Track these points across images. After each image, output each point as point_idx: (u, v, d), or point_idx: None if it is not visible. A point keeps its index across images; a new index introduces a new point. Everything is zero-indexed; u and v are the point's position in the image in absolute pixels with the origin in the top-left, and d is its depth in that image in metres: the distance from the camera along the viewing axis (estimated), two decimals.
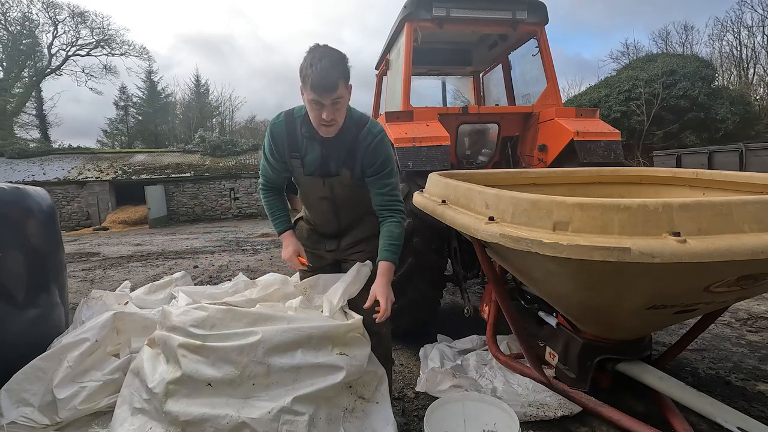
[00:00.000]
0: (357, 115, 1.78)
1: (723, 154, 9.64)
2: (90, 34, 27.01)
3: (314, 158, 1.78)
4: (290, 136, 1.77)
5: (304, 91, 1.60)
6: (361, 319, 1.71)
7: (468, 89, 4.95)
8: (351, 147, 1.75)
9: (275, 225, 1.99)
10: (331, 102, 1.57)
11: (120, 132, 32.47)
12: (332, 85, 1.54)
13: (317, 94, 1.55)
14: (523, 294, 2.66)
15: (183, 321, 1.64)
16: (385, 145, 1.79)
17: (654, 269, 1.25)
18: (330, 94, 1.55)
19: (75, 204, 15.38)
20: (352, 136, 1.75)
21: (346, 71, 1.59)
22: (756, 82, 18.86)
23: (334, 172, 1.79)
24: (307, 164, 1.80)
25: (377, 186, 1.80)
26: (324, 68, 1.52)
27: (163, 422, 1.52)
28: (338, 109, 1.61)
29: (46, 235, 2.34)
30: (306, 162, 1.79)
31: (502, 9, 3.30)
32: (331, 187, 1.83)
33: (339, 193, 1.86)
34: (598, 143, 2.98)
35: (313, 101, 1.58)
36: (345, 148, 1.76)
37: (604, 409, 1.92)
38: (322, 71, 1.52)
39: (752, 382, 2.45)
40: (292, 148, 1.79)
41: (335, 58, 1.56)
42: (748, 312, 3.62)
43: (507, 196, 1.57)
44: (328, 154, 1.77)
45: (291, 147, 1.79)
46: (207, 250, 8.46)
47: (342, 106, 1.63)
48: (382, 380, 1.73)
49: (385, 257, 1.75)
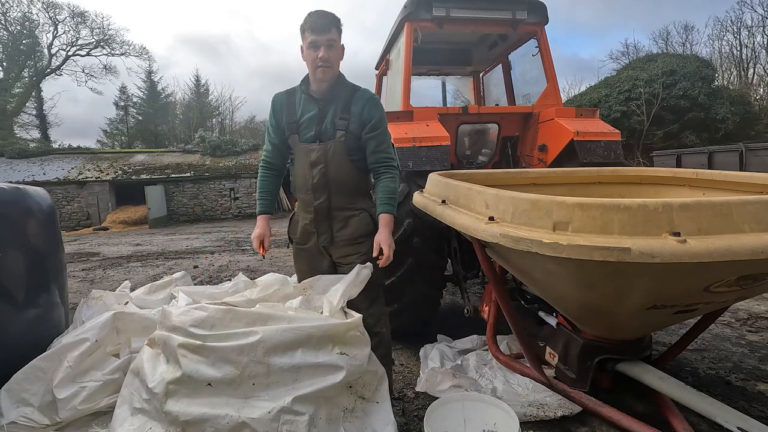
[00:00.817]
0: (350, 83, 1.99)
1: (723, 154, 9.65)
2: (90, 34, 27.06)
3: (311, 116, 1.93)
4: (289, 100, 1.98)
5: (303, 40, 1.86)
6: (360, 317, 1.71)
7: (468, 89, 4.95)
8: (346, 103, 1.92)
9: (258, 204, 2.10)
10: (326, 42, 1.81)
11: (120, 132, 32.48)
12: (326, 26, 1.81)
13: (314, 34, 1.81)
14: (523, 294, 2.66)
15: (183, 321, 1.63)
16: (380, 106, 1.99)
17: (654, 269, 1.25)
18: (325, 34, 1.81)
19: (75, 204, 15.39)
20: (348, 94, 1.94)
21: (338, 23, 1.86)
22: (756, 82, 18.89)
23: (330, 134, 1.92)
24: (304, 127, 1.94)
25: (373, 144, 1.94)
26: (319, 15, 1.82)
27: (163, 422, 1.52)
28: (332, 50, 1.84)
29: (46, 235, 2.34)
30: (303, 124, 1.94)
31: (502, 9, 3.29)
32: (325, 152, 1.93)
33: (332, 161, 1.93)
34: (598, 143, 2.98)
35: (310, 44, 1.82)
36: (341, 103, 1.92)
37: (604, 409, 1.92)
38: (318, 17, 1.82)
39: (752, 382, 2.45)
40: (290, 113, 1.97)
41: (328, 12, 1.85)
42: (748, 312, 3.62)
43: (507, 196, 1.57)
44: (325, 109, 1.93)
45: (289, 113, 1.97)
46: (207, 250, 8.46)
47: (335, 49, 1.86)
48: (382, 380, 1.73)
49: (385, 210, 1.91)
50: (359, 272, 1.88)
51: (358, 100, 1.91)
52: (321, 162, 1.92)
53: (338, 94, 1.92)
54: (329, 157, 1.92)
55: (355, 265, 1.92)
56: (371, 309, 1.97)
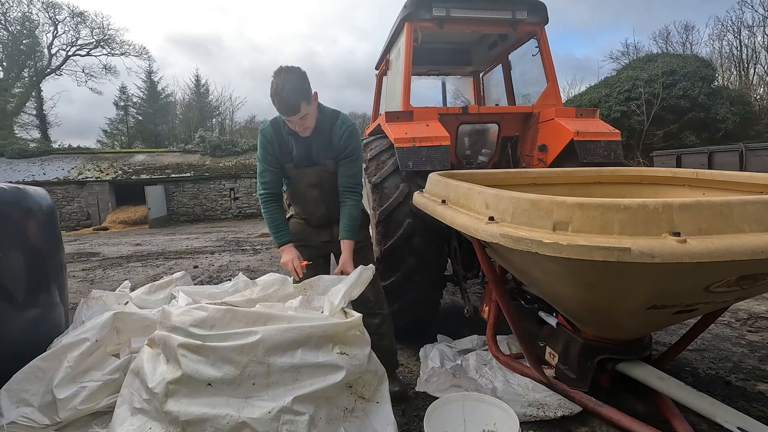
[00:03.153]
0: (329, 111, 2.14)
1: (723, 154, 9.65)
2: (90, 34, 27.03)
3: (300, 152, 2.13)
4: (278, 135, 2.13)
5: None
6: (360, 317, 1.72)
7: (468, 89, 4.95)
8: (328, 136, 2.12)
9: (277, 238, 2.20)
10: (298, 119, 1.95)
11: (120, 132, 32.45)
12: (295, 108, 1.90)
13: (285, 116, 1.95)
14: (523, 294, 2.66)
15: (183, 321, 1.63)
16: (356, 135, 2.16)
17: (654, 269, 1.25)
18: (295, 114, 1.92)
19: (75, 204, 15.38)
20: (329, 125, 2.12)
21: (306, 91, 1.92)
22: (756, 82, 18.87)
23: (322, 161, 2.14)
24: (296, 158, 2.14)
25: (344, 169, 2.16)
26: (285, 97, 1.87)
27: (163, 422, 1.52)
28: (306, 120, 1.99)
29: (46, 235, 2.34)
30: (295, 156, 2.14)
31: (502, 9, 3.29)
32: (319, 174, 2.17)
33: (326, 180, 2.18)
34: (598, 143, 2.98)
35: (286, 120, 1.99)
36: (325, 137, 2.12)
37: (604, 409, 1.92)
38: (284, 100, 1.88)
39: (752, 382, 2.45)
40: (281, 146, 2.13)
41: (294, 84, 1.88)
42: (748, 312, 3.62)
43: (507, 196, 1.57)
44: (311, 144, 2.13)
45: (280, 146, 2.13)
46: (207, 250, 8.46)
47: (309, 117, 2.00)
48: (382, 380, 1.73)
49: (346, 236, 2.13)
50: (361, 273, 1.91)
51: (338, 131, 2.12)
52: (317, 182, 2.18)
53: (321, 128, 2.11)
54: (323, 178, 2.17)
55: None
56: (371, 290, 2.14)
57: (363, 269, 1.94)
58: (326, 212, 2.24)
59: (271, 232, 2.20)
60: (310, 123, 2.02)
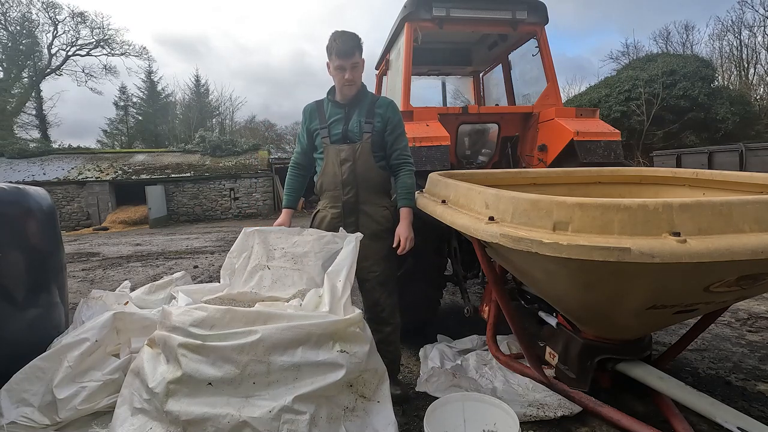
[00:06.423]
0: (371, 92, 2.29)
1: (723, 154, 9.66)
2: (90, 34, 27.07)
3: (338, 118, 2.21)
4: (318, 108, 2.27)
5: (330, 61, 2.12)
6: (360, 313, 1.72)
7: (468, 89, 4.95)
8: (369, 108, 2.20)
9: (285, 199, 2.43)
10: (351, 65, 2.08)
11: (120, 132, 32.45)
12: (351, 51, 2.06)
13: (340, 59, 2.06)
14: (523, 294, 2.66)
15: (183, 321, 1.63)
16: (399, 111, 2.28)
17: (654, 269, 1.25)
18: (350, 58, 2.07)
19: (75, 204, 15.38)
20: (370, 100, 2.22)
21: (360, 44, 2.11)
22: (756, 82, 18.88)
23: (357, 135, 2.19)
24: (333, 129, 2.21)
25: (395, 144, 2.23)
26: (344, 40, 2.06)
27: (163, 422, 1.52)
28: (356, 71, 2.11)
29: (46, 235, 2.34)
30: (332, 127, 2.21)
31: (502, 9, 3.29)
32: (354, 151, 2.19)
33: (360, 159, 2.19)
34: (598, 143, 2.98)
35: (337, 67, 2.09)
36: (365, 108, 2.20)
37: (604, 409, 1.92)
38: (342, 43, 2.06)
39: (752, 382, 2.45)
40: (320, 119, 2.24)
41: (351, 35, 2.09)
42: (748, 312, 3.62)
43: (507, 196, 1.57)
44: (350, 113, 2.21)
45: (319, 118, 2.24)
46: (207, 250, 8.46)
47: (359, 70, 2.13)
48: (383, 379, 1.73)
49: (404, 204, 2.22)
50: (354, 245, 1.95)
51: (381, 105, 2.21)
52: (350, 159, 2.18)
53: (361, 100, 2.21)
54: (357, 155, 2.18)
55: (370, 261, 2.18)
56: (389, 300, 2.25)
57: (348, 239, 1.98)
58: (355, 196, 2.21)
59: (284, 194, 2.45)
60: (358, 77, 2.13)
